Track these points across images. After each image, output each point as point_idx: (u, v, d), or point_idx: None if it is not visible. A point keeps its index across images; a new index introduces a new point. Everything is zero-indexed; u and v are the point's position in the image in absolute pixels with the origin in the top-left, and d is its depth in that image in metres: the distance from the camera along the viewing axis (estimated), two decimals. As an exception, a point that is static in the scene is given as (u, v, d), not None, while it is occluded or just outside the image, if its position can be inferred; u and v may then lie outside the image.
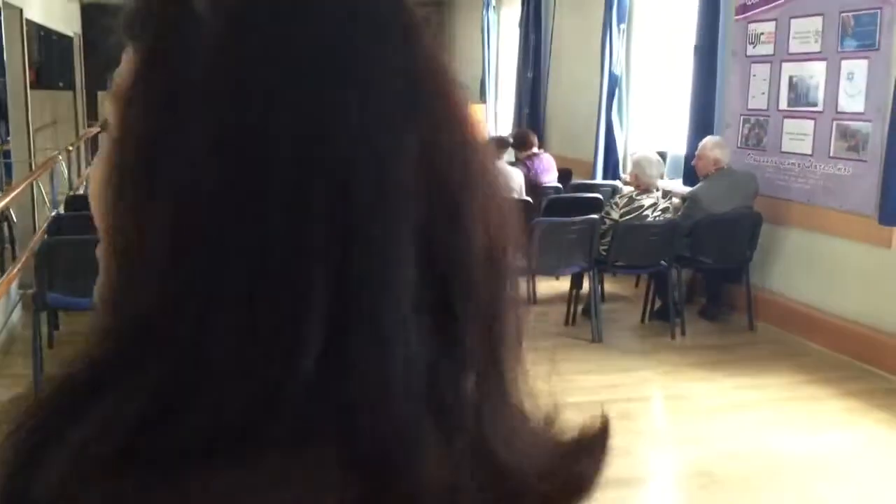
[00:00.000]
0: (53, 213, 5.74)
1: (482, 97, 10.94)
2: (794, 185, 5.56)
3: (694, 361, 5.10)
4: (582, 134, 8.20)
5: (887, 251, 4.87)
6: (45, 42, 10.00)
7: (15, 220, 5.64)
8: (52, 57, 10.29)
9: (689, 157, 6.41)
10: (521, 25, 9.56)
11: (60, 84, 10.53)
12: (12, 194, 4.47)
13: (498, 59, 10.86)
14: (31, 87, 9.79)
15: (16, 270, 4.44)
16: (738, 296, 5.83)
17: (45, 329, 4.98)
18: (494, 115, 10.89)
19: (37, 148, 8.21)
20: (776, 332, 5.61)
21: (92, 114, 10.54)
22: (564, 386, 0.50)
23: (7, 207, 4.67)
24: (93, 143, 9.71)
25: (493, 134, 6.81)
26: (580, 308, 5.69)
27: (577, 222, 5.26)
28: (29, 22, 6.57)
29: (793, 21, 5.53)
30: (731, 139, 6.04)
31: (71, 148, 6.96)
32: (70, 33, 10.07)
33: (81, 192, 6.71)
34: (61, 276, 4.19)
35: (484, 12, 10.74)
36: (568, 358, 5.09)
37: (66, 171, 6.82)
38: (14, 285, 4.84)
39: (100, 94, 10.57)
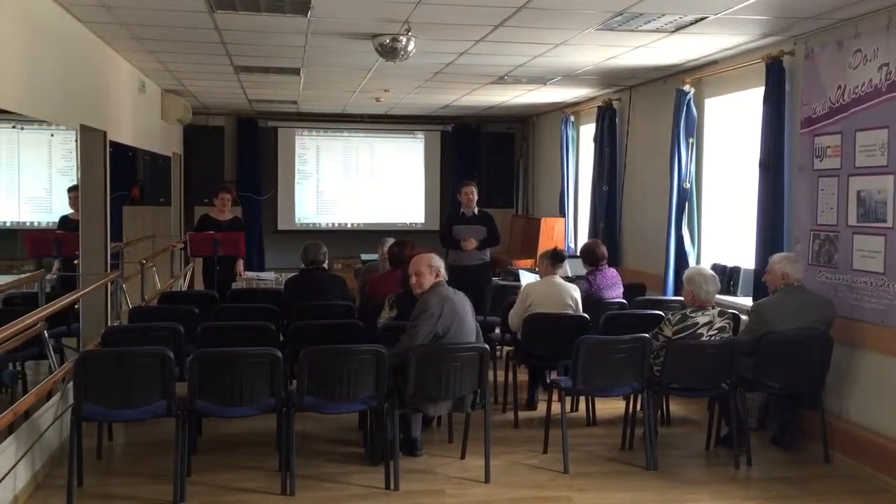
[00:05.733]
0: (109, 325, 5.95)
1: (562, 212, 10.89)
2: (867, 305, 5.19)
3: (756, 496, 4.70)
4: (655, 248, 8.00)
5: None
6: (149, 162, 10.76)
7: (82, 329, 5.88)
8: (155, 175, 11.03)
9: (759, 272, 6.13)
10: (595, 140, 9.56)
11: (161, 200, 11.22)
12: (50, 310, 4.64)
13: (577, 174, 10.85)
14: (135, 204, 10.58)
15: (52, 381, 4.56)
16: (814, 423, 5.40)
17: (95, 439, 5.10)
18: (574, 229, 10.79)
19: (127, 260, 8.67)
20: (853, 465, 5.13)
21: (187, 227, 11.05)
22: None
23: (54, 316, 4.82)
24: (179, 256, 10.17)
25: (548, 248, 6.67)
26: (641, 431, 5.37)
27: (625, 341, 5.02)
28: (115, 144, 7.01)
29: (858, 134, 5.29)
30: (802, 255, 5.73)
31: (145, 262, 7.26)
32: (169, 153, 10.71)
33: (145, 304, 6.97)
34: (99, 388, 4.27)
35: (563, 128, 10.81)
36: (615, 487, 4.78)
37: (140, 282, 7.13)
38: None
39: (196, 208, 11.15)
